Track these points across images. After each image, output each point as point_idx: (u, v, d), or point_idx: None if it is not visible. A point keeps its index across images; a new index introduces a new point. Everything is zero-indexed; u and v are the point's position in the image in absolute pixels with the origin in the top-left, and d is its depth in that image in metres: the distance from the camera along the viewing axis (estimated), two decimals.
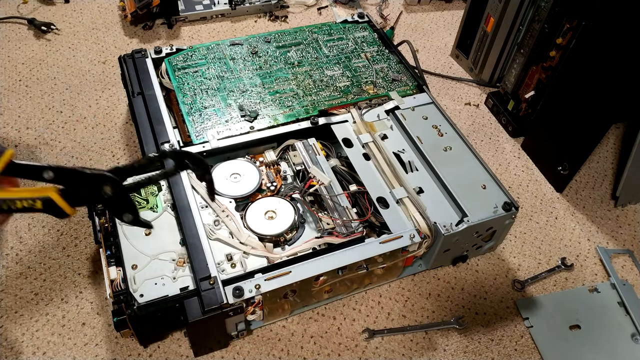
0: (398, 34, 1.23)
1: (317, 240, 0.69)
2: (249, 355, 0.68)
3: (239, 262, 0.66)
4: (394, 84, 0.90)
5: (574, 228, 0.88)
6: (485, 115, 1.06)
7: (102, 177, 0.40)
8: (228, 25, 1.20)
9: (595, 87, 0.82)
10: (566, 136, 0.89)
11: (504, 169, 0.96)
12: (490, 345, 0.72)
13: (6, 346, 0.67)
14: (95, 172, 0.39)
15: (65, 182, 0.39)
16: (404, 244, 0.69)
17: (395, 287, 0.77)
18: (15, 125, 0.93)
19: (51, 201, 0.38)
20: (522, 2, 0.96)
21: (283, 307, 0.69)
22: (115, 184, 0.41)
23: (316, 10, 1.27)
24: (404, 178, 0.76)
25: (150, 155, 0.41)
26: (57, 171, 0.38)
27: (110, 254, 0.65)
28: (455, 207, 0.73)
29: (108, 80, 1.04)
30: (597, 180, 0.96)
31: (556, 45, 0.89)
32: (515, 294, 0.78)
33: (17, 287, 0.72)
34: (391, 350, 0.70)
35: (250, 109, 0.83)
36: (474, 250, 0.79)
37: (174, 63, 0.89)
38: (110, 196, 0.41)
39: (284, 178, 0.78)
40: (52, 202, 0.38)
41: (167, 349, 0.68)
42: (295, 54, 0.94)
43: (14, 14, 1.15)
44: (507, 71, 1.03)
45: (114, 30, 1.15)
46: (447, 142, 0.81)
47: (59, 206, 0.39)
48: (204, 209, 0.71)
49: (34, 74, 1.03)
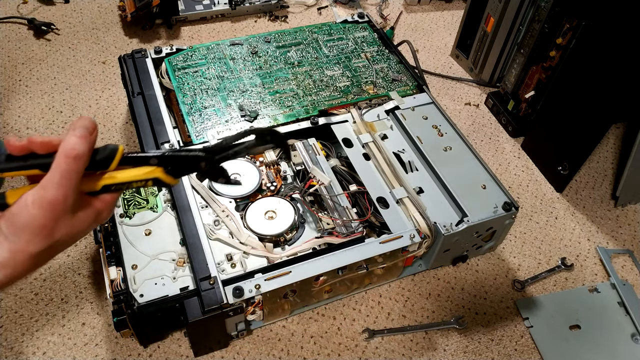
0: (398, 34, 1.23)
1: (317, 240, 0.69)
2: (249, 355, 0.68)
3: (239, 262, 0.66)
4: (394, 84, 0.90)
5: (574, 228, 0.88)
6: (485, 115, 1.06)
7: (198, 157, 0.47)
8: (228, 25, 1.20)
9: (595, 87, 0.82)
10: (566, 136, 0.89)
11: (504, 169, 0.96)
12: (490, 345, 0.72)
13: (6, 346, 0.67)
14: (192, 155, 0.46)
15: (167, 163, 0.45)
16: (404, 244, 0.69)
17: (395, 287, 0.77)
18: (16, 125, 0.93)
19: (159, 179, 0.46)
20: (522, 2, 0.96)
21: (283, 307, 0.69)
22: (209, 160, 0.47)
23: (316, 10, 1.27)
24: (404, 178, 0.76)
25: (238, 133, 0.48)
26: (161, 157, 0.45)
27: (110, 254, 0.65)
28: (455, 207, 0.73)
29: (108, 80, 1.04)
30: (597, 180, 0.96)
31: (556, 45, 0.89)
32: (515, 294, 0.78)
33: (17, 287, 0.72)
34: (391, 350, 0.70)
35: (250, 109, 0.83)
36: (474, 250, 0.79)
37: (174, 63, 0.89)
38: (205, 170, 0.48)
39: (284, 178, 0.78)
40: (160, 180, 0.46)
41: (167, 349, 0.68)
42: (295, 54, 0.94)
43: (14, 14, 1.15)
44: (507, 71, 1.03)
45: (114, 30, 1.15)
46: (447, 142, 0.81)
47: (165, 182, 0.46)
48: (204, 209, 0.71)
49: (34, 74, 1.03)
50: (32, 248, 0.40)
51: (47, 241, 0.41)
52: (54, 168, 0.40)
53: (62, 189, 0.40)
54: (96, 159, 0.42)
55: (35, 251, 0.41)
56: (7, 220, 0.40)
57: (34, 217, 0.40)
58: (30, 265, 0.41)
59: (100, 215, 0.45)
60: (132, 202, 0.71)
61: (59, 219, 0.41)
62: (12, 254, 0.40)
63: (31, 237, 0.40)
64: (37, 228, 0.40)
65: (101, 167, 0.43)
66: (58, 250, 0.43)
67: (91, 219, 0.44)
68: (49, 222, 0.40)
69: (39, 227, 0.40)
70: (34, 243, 0.40)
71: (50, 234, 0.41)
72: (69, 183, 0.40)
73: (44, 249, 0.41)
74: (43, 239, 0.41)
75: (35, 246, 0.40)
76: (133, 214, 0.69)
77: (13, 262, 0.40)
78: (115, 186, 0.44)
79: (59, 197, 0.40)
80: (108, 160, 0.43)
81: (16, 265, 0.40)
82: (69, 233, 0.42)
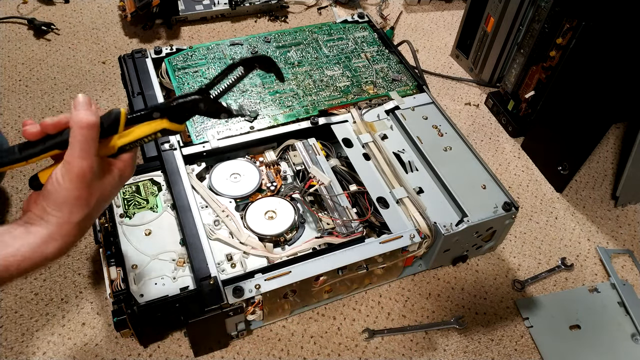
0: (398, 34, 1.23)
1: (317, 240, 0.69)
2: (249, 355, 0.68)
3: (239, 262, 0.66)
4: (394, 84, 0.90)
5: (574, 228, 0.88)
6: (485, 115, 1.06)
7: (195, 100, 0.50)
8: (228, 25, 1.20)
9: (595, 87, 0.82)
10: (566, 136, 0.89)
11: (504, 169, 0.96)
12: (490, 345, 0.72)
13: (6, 346, 0.67)
14: (189, 100, 0.49)
15: (169, 114, 0.49)
16: (404, 244, 0.69)
17: (395, 287, 0.77)
18: (16, 125, 0.93)
19: (166, 129, 0.49)
20: (522, 2, 0.96)
21: (283, 307, 0.69)
22: (207, 100, 0.50)
23: (316, 10, 1.27)
24: (404, 178, 0.76)
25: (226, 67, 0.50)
26: (162, 110, 0.49)
27: (110, 254, 0.65)
28: (455, 207, 0.73)
29: (108, 80, 1.04)
30: (597, 180, 0.96)
31: (556, 45, 0.89)
32: (515, 294, 0.78)
33: (17, 287, 0.72)
34: (391, 350, 0.70)
35: (250, 109, 0.83)
36: (474, 250, 0.79)
37: (174, 63, 0.89)
38: (206, 110, 0.50)
39: (284, 178, 0.78)
40: (167, 129, 0.49)
41: (167, 349, 0.68)
42: (295, 54, 0.94)
43: (14, 14, 1.15)
44: (507, 71, 1.03)
45: (114, 30, 1.15)
46: (447, 142, 0.81)
47: (172, 130, 0.50)
48: (204, 209, 0.71)
49: (34, 74, 1.03)
50: (74, 218, 0.45)
51: (85, 209, 0.46)
52: (72, 142, 0.45)
53: (85, 159, 0.44)
54: (105, 126, 0.47)
55: (77, 219, 0.46)
56: (46, 198, 0.45)
57: (68, 190, 0.44)
58: (76, 234, 0.46)
59: (123, 173, 0.49)
60: (132, 202, 0.71)
61: (90, 186, 0.45)
62: (59, 227, 0.45)
63: (72, 209, 0.45)
64: (75, 199, 0.45)
65: (111, 132, 0.48)
66: (97, 213, 0.48)
67: (117, 178, 0.48)
68: (83, 192, 0.45)
69: (76, 198, 0.45)
70: (75, 213, 0.45)
71: (86, 201, 0.46)
72: (90, 152, 0.45)
73: (86, 215, 0.46)
74: (82, 207, 0.45)
75: (77, 215, 0.45)
76: (133, 214, 0.69)
77: (61, 234, 0.45)
78: (129, 145, 0.49)
79: (85, 167, 0.44)
80: (115, 124, 0.47)
81: (65, 236, 0.45)
82: (101, 196, 0.47)
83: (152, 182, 0.73)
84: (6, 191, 0.83)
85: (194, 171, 0.76)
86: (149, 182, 0.73)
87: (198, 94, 0.50)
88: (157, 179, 0.74)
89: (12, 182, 0.84)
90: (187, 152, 0.76)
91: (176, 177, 0.72)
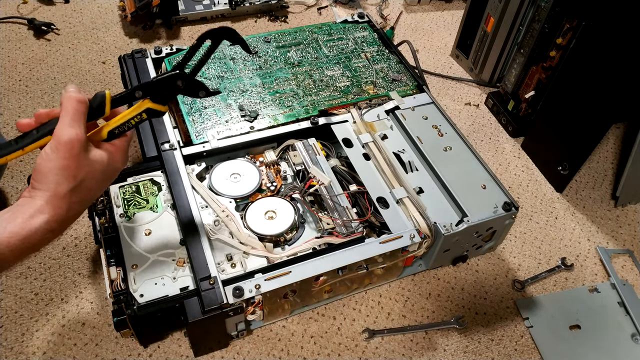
0: (398, 34, 1.23)
1: (317, 240, 0.69)
2: (249, 355, 0.68)
3: (239, 262, 0.66)
4: (394, 84, 0.90)
5: (574, 228, 0.88)
6: (485, 115, 1.06)
7: (172, 77, 0.52)
8: (228, 25, 1.20)
9: (595, 87, 0.82)
10: (566, 136, 0.89)
11: (504, 169, 0.96)
12: (490, 345, 0.72)
13: (6, 346, 0.67)
14: (166, 76, 0.52)
15: (150, 93, 0.51)
16: (404, 244, 0.69)
17: (395, 287, 0.77)
18: (16, 125, 0.93)
19: (150, 109, 0.52)
20: (522, 2, 0.96)
21: (283, 307, 0.69)
22: (183, 76, 0.53)
23: (316, 10, 1.27)
24: (404, 178, 0.76)
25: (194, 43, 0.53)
26: (143, 88, 0.51)
27: (110, 254, 0.65)
28: (455, 207, 0.73)
29: (108, 80, 1.04)
30: (597, 180, 0.96)
31: (556, 45, 0.89)
32: (515, 294, 0.78)
33: (17, 287, 0.72)
34: (391, 350, 0.70)
35: (250, 109, 0.83)
36: (474, 250, 0.79)
37: (174, 63, 0.89)
38: (184, 86, 0.53)
39: (284, 178, 0.78)
40: (151, 109, 0.52)
41: (167, 349, 0.68)
42: (295, 54, 0.94)
43: (14, 14, 1.15)
44: (507, 71, 1.03)
45: (114, 30, 1.15)
46: (447, 142, 0.81)
47: (157, 110, 0.52)
48: (204, 209, 0.71)
49: (34, 74, 1.03)
50: (60, 189, 0.45)
51: (72, 180, 0.45)
52: (63, 114, 0.46)
53: (74, 128, 0.45)
54: (94, 106, 0.49)
55: (64, 191, 0.45)
56: (35, 172, 0.45)
57: (54, 160, 0.45)
58: (65, 207, 0.46)
59: (114, 157, 0.50)
60: (132, 202, 0.71)
61: (77, 158, 0.45)
62: (46, 200, 0.45)
63: (57, 179, 0.45)
64: (60, 169, 0.45)
65: (99, 113, 0.50)
66: (88, 195, 0.48)
67: (106, 160, 0.49)
68: (69, 162, 0.45)
69: (62, 168, 0.45)
70: (61, 184, 0.45)
71: (73, 174, 0.45)
72: (79, 122, 0.46)
73: (72, 189, 0.46)
74: (67, 178, 0.45)
75: (63, 186, 0.45)
76: (133, 214, 0.69)
77: (48, 206, 0.45)
78: (117, 129, 0.51)
79: (73, 136, 0.45)
80: (102, 106, 0.50)
81: (52, 208, 0.45)
82: (89, 174, 0.47)
83: (152, 182, 0.73)
84: (5, 191, 0.83)
85: (194, 171, 0.76)
86: (149, 182, 0.73)
87: (175, 69, 0.52)
88: (157, 179, 0.74)
89: (12, 182, 0.84)
90: (187, 152, 0.76)
91: (176, 177, 0.72)
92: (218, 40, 0.54)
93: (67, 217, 0.47)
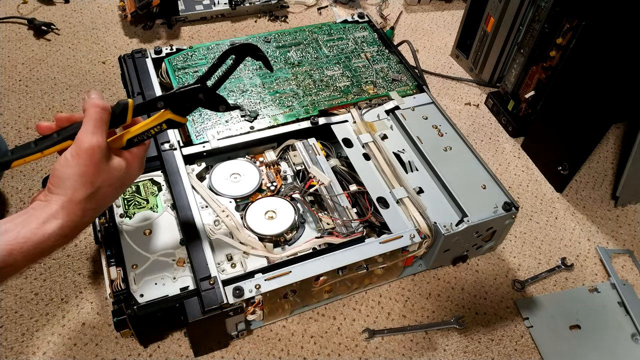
0: (398, 34, 1.23)
1: (317, 240, 0.69)
2: (249, 355, 0.68)
3: (239, 262, 0.66)
4: (394, 84, 0.90)
5: (574, 228, 0.88)
6: (485, 115, 1.06)
7: (195, 89, 0.52)
8: (228, 25, 1.20)
9: (595, 87, 0.82)
10: (566, 136, 0.89)
11: (504, 169, 0.96)
12: (490, 345, 0.72)
13: (6, 346, 0.67)
14: (188, 89, 0.52)
15: (172, 104, 0.52)
16: (404, 244, 0.69)
17: (395, 287, 0.77)
18: (16, 125, 0.93)
19: (171, 120, 0.52)
20: (522, 2, 0.96)
21: (283, 307, 0.69)
22: (205, 89, 0.53)
23: (316, 10, 1.27)
24: (404, 178, 0.76)
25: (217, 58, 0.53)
26: (165, 99, 0.52)
27: (110, 254, 0.65)
28: (455, 207, 0.73)
29: (108, 80, 1.04)
30: (597, 180, 0.96)
31: (556, 45, 0.89)
32: (515, 294, 0.78)
33: (17, 287, 0.72)
34: (391, 350, 0.70)
35: (250, 109, 0.83)
36: (474, 250, 0.79)
37: (174, 63, 0.89)
38: (205, 100, 0.53)
39: (284, 178, 0.78)
40: (172, 120, 0.52)
41: (167, 349, 0.68)
42: (295, 54, 0.94)
43: (14, 14, 1.15)
44: (507, 71, 1.03)
45: (114, 30, 1.15)
46: (447, 142, 0.81)
47: (177, 121, 0.53)
48: (204, 209, 0.71)
49: (34, 74, 1.03)
50: (77, 195, 0.45)
51: (89, 187, 0.45)
52: (86, 120, 0.46)
53: (96, 136, 0.46)
54: (116, 113, 0.50)
55: (80, 198, 0.45)
56: (52, 176, 0.45)
57: (74, 167, 0.45)
58: (79, 214, 0.46)
59: (131, 164, 0.51)
60: (132, 202, 0.71)
61: (96, 165, 0.46)
62: (61, 205, 0.45)
63: (75, 185, 0.45)
64: (79, 176, 0.45)
65: (120, 121, 0.50)
66: (102, 202, 0.48)
67: (124, 168, 0.49)
68: (88, 169, 0.45)
69: (80, 174, 0.45)
70: (78, 190, 0.45)
71: (91, 180, 0.46)
72: (101, 130, 0.46)
73: (89, 195, 0.46)
74: (85, 184, 0.45)
75: (80, 193, 0.45)
76: (133, 214, 0.69)
77: (63, 212, 0.45)
78: (137, 137, 0.51)
79: (94, 144, 0.45)
80: (124, 114, 0.50)
81: (67, 214, 0.45)
82: (107, 181, 0.47)
83: (152, 182, 0.73)
84: (5, 191, 0.83)
85: (194, 171, 0.76)
86: (149, 182, 0.73)
87: (197, 83, 0.53)
88: (157, 179, 0.74)
89: (12, 182, 0.84)
90: (187, 152, 0.76)
91: (176, 177, 0.72)
92: (242, 57, 0.54)
93: (81, 223, 0.47)
